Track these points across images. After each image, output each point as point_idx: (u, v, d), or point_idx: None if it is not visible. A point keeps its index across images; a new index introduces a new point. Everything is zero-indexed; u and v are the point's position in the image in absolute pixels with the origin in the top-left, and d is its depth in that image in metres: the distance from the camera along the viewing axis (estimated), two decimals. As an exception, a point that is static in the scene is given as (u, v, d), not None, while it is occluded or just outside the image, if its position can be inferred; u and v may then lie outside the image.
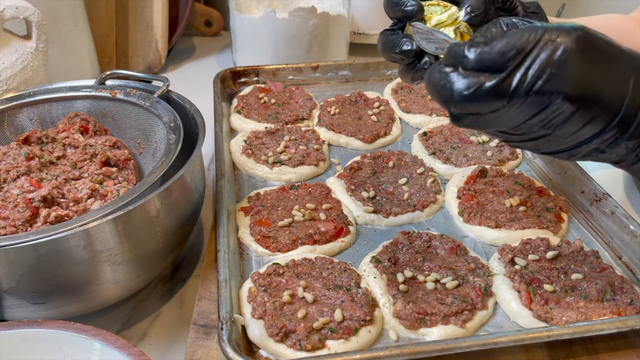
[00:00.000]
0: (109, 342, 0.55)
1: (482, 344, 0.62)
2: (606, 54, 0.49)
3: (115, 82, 0.94)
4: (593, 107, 0.49)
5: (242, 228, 0.83)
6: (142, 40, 1.39)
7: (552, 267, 0.75)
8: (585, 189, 0.89)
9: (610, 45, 0.50)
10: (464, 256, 0.78)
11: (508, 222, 0.84)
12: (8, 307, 0.64)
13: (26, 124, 0.88)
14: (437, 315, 0.68)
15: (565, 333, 0.64)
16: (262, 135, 1.03)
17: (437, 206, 0.90)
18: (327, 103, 1.15)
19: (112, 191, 0.75)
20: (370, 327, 0.67)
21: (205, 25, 1.66)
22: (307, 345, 0.63)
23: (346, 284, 0.72)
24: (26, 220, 0.68)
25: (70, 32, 1.19)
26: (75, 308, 0.67)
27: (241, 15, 1.33)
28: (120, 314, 0.76)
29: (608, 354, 0.67)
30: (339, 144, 1.07)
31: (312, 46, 1.34)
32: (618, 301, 0.70)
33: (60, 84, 0.92)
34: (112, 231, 0.63)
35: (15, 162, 0.77)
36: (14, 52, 0.97)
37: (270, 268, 0.73)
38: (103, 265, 0.64)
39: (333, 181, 0.94)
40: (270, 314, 0.66)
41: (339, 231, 0.82)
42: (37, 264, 0.60)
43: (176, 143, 0.76)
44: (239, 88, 1.22)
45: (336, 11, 1.34)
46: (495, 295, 0.73)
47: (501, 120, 0.51)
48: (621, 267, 0.79)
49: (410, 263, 0.77)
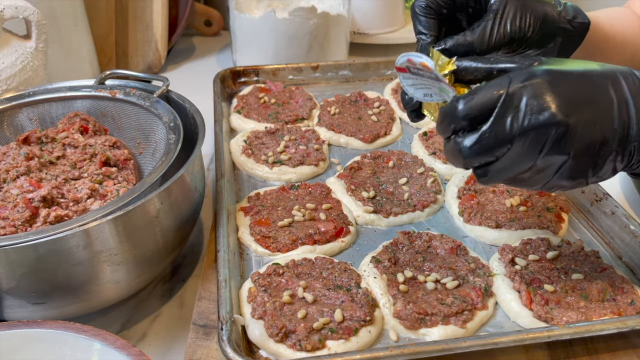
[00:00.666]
0: (108, 342, 0.55)
1: (482, 344, 0.62)
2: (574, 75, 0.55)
3: (115, 82, 0.94)
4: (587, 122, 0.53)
5: (242, 228, 0.83)
6: (142, 40, 1.39)
7: (553, 267, 0.75)
8: (586, 189, 0.89)
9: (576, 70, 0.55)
10: (464, 256, 0.78)
11: (508, 222, 0.84)
12: (8, 307, 0.64)
13: (26, 124, 0.88)
14: (437, 315, 0.68)
15: (566, 333, 0.64)
16: (262, 135, 1.03)
17: (437, 206, 0.90)
18: (327, 103, 1.15)
19: (112, 191, 0.75)
20: (371, 327, 0.67)
21: (205, 25, 1.66)
22: (307, 346, 0.63)
23: (346, 284, 0.72)
24: (26, 220, 0.68)
25: (70, 32, 1.19)
26: (75, 308, 0.67)
27: (241, 15, 1.33)
28: (120, 314, 0.76)
29: (608, 354, 0.67)
30: (339, 144, 1.07)
31: (312, 46, 1.34)
32: (618, 301, 0.70)
33: (59, 84, 0.92)
34: (111, 231, 0.63)
35: (15, 162, 0.77)
36: (13, 52, 0.97)
37: (270, 268, 0.73)
38: (103, 266, 0.64)
39: (333, 181, 0.94)
40: (270, 314, 0.66)
41: (339, 231, 0.81)
42: (36, 264, 0.60)
43: (176, 143, 0.76)
44: (238, 88, 1.22)
45: (336, 11, 1.34)
46: (496, 295, 0.73)
47: (520, 162, 0.54)
48: (621, 267, 0.79)
49: (411, 263, 0.76)
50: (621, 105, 0.54)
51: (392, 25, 1.55)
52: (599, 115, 0.53)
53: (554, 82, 0.53)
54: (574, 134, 0.52)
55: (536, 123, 0.52)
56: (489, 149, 0.54)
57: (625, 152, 0.55)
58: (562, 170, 0.55)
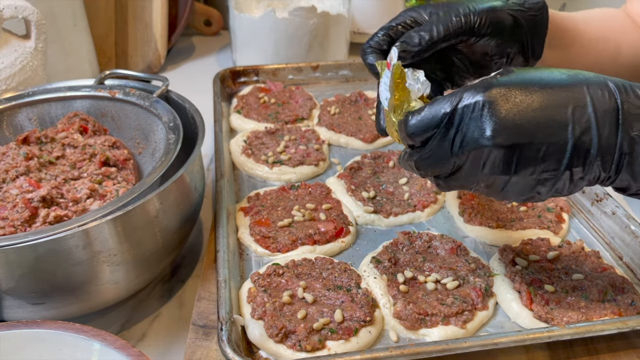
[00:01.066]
0: (108, 343, 0.55)
1: (482, 344, 0.62)
2: (527, 93, 0.52)
3: (115, 82, 0.94)
4: (529, 144, 0.52)
5: (241, 228, 0.83)
6: (142, 39, 1.39)
7: (553, 267, 0.75)
8: (586, 188, 0.89)
9: (532, 87, 0.53)
10: (464, 256, 0.78)
11: (509, 223, 0.83)
12: (7, 307, 0.64)
13: (25, 124, 0.88)
14: (438, 315, 0.68)
15: (566, 334, 0.64)
16: (261, 135, 1.03)
17: (437, 206, 0.90)
18: (327, 103, 1.15)
19: (112, 191, 0.75)
20: (371, 327, 0.67)
21: (205, 24, 1.65)
22: (307, 346, 0.63)
23: (346, 285, 0.72)
24: (25, 220, 0.68)
25: (69, 32, 1.19)
26: (75, 308, 0.67)
27: (241, 15, 1.32)
28: (119, 314, 0.75)
29: (609, 354, 0.67)
30: (339, 144, 1.06)
31: (312, 46, 1.33)
32: (619, 302, 0.69)
33: (59, 84, 0.92)
34: (111, 231, 0.63)
35: (15, 162, 0.77)
36: (13, 51, 0.97)
37: (270, 268, 0.73)
38: (102, 266, 0.64)
39: (333, 181, 0.94)
40: (270, 315, 0.66)
41: (339, 231, 0.81)
42: (36, 264, 0.60)
43: (175, 143, 0.76)
44: (238, 88, 1.22)
45: (336, 11, 1.34)
46: (496, 295, 0.73)
47: (466, 178, 0.56)
48: (622, 268, 0.79)
49: (411, 263, 0.76)
50: (578, 125, 0.51)
51: (392, 25, 1.55)
52: (545, 137, 0.52)
53: (500, 101, 0.52)
54: (511, 157, 0.52)
55: (472, 147, 0.53)
56: (433, 166, 0.57)
57: (589, 170, 0.53)
58: (507, 188, 0.55)
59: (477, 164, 0.54)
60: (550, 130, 0.52)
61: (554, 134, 0.52)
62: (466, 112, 0.53)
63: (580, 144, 0.52)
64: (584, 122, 0.52)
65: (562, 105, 0.52)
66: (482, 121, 0.52)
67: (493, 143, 0.52)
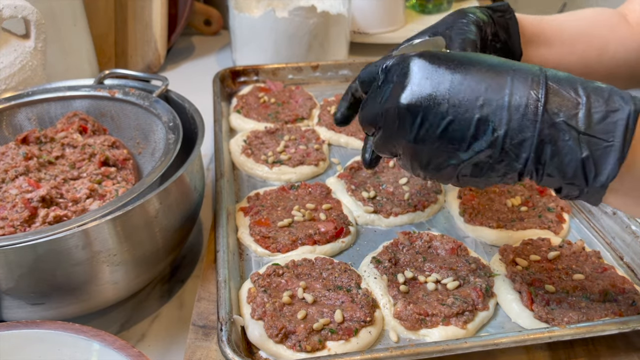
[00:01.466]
0: (107, 343, 0.55)
1: (483, 344, 0.62)
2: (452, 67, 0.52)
3: (114, 82, 0.94)
4: (435, 110, 0.52)
5: (241, 228, 0.83)
6: (141, 39, 1.39)
7: (554, 267, 0.75)
8: (587, 189, 0.89)
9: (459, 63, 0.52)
10: (464, 257, 0.77)
11: (509, 223, 0.83)
12: (6, 307, 0.64)
13: (25, 124, 0.88)
14: (438, 316, 0.67)
15: (567, 334, 0.63)
16: (261, 135, 1.03)
17: (437, 206, 0.90)
18: (327, 103, 1.14)
19: (111, 191, 0.74)
20: (371, 328, 0.66)
21: (205, 24, 1.65)
22: (307, 346, 0.63)
23: (346, 285, 0.72)
24: (24, 220, 0.68)
25: (69, 32, 1.19)
26: (74, 309, 0.67)
27: (241, 14, 1.32)
28: (119, 314, 0.75)
29: (609, 354, 0.67)
30: (339, 144, 1.06)
31: (312, 45, 1.33)
32: (620, 302, 0.69)
33: (58, 84, 0.91)
34: (110, 231, 0.63)
35: (14, 162, 0.77)
36: (12, 51, 0.97)
37: (270, 269, 0.73)
38: (102, 266, 0.64)
39: (333, 181, 0.94)
40: (270, 315, 0.66)
41: (339, 231, 0.81)
42: (35, 264, 0.60)
43: (175, 143, 0.76)
44: (238, 87, 1.22)
45: (336, 10, 1.34)
46: (496, 295, 0.73)
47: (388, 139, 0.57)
48: (623, 268, 0.79)
49: (411, 263, 0.76)
50: (487, 103, 0.50)
51: (393, 24, 1.55)
52: (453, 108, 0.51)
53: (423, 66, 0.53)
54: (414, 119, 0.52)
55: (388, 105, 0.54)
56: (366, 119, 0.59)
57: (500, 155, 0.51)
58: (421, 159, 0.55)
59: (391, 122, 0.55)
60: (459, 101, 0.51)
61: (461, 106, 0.51)
62: (393, 70, 0.55)
63: (484, 121, 0.50)
64: (496, 100, 0.50)
65: (478, 81, 0.51)
66: (400, 81, 0.54)
67: (400, 103, 0.53)
